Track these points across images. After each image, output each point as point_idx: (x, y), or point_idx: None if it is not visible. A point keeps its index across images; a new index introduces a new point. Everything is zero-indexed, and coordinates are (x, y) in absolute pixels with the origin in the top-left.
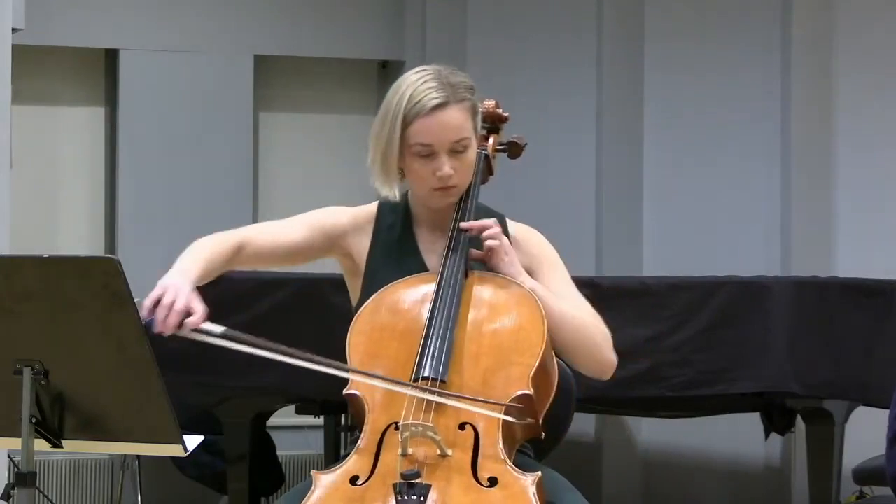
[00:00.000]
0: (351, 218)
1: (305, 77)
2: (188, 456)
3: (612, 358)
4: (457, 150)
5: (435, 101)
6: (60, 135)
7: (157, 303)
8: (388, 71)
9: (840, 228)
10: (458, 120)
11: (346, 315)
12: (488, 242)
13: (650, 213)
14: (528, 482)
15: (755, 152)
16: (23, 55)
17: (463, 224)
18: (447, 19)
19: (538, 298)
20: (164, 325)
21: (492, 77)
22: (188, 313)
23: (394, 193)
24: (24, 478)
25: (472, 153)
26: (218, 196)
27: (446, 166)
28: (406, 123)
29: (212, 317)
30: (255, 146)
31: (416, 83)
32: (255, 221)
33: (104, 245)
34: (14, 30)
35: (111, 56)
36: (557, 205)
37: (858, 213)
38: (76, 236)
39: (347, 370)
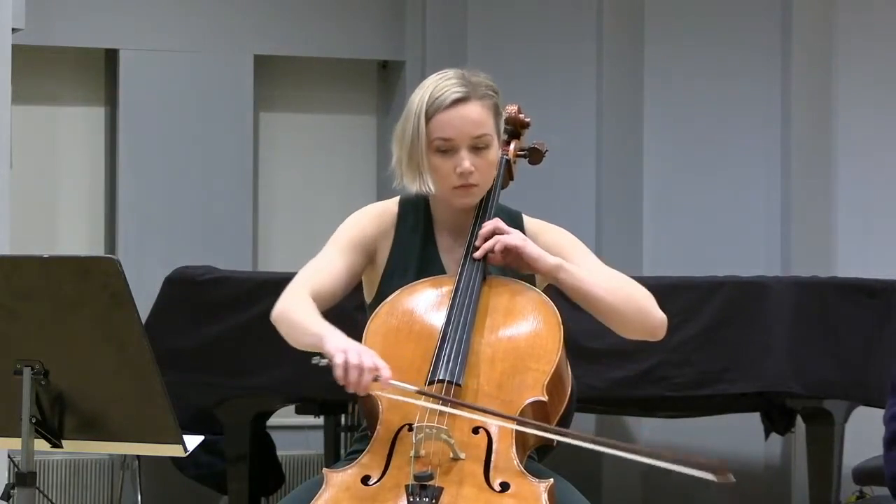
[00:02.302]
0: (375, 222)
1: (305, 77)
2: (188, 456)
3: (660, 315)
4: (477, 147)
5: (456, 95)
6: (60, 135)
7: (344, 365)
8: (388, 71)
9: (840, 228)
10: (478, 115)
11: (347, 314)
12: (498, 244)
13: (650, 213)
14: (541, 488)
15: (755, 153)
16: (23, 55)
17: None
18: (447, 19)
19: (569, 271)
20: (359, 385)
21: (491, 77)
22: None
23: (427, 187)
24: (24, 478)
25: (493, 153)
26: (218, 196)
27: (466, 161)
28: (427, 118)
29: (213, 317)
30: (255, 146)
31: (438, 81)
32: (255, 221)
33: (104, 245)
34: (14, 30)
35: (111, 56)
36: (557, 205)
37: (858, 213)
38: (76, 236)
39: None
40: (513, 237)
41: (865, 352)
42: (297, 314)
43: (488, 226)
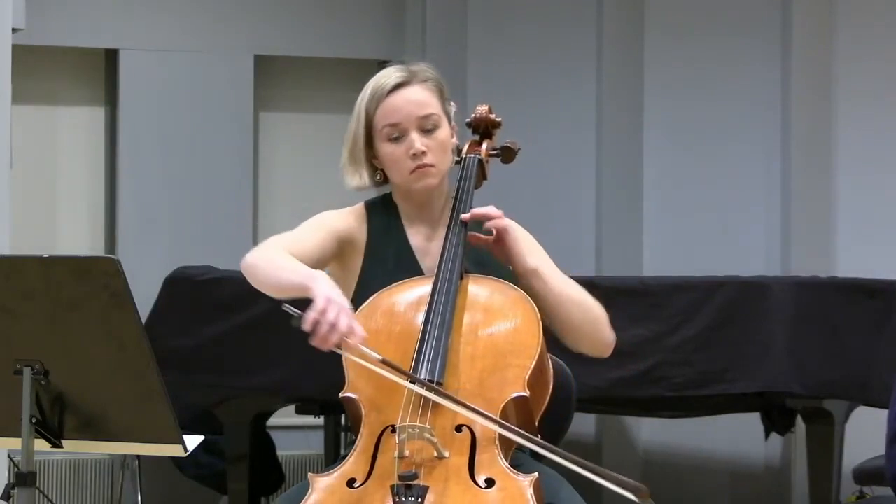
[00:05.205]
0: (350, 219)
1: (305, 77)
2: (188, 456)
3: (611, 336)
4: (426, 129)
5: (396, 81)
6: (60, 135)
7: (322, 313)
8: None
9: (840, 228)
10: (421, 96)
11: None
12: (496, 223)
13: (650, 212)
14: (526, 483)
15: (755, 152)
16: (23, 55)
17: (464, 216)
18: (447, 19)
19: (544, 278)
20: (325, 341)
21: (491, 76)
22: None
23: (363, 181)
24: (24, 478)
25: (443, 133)
26: (218, 196)
27: (417, 142)
28: (371, 111)
29: (213, 317)
30: (255, 146)
31: (378, 75)
32: (255, 221)
33: (104, 245)
34: (14, 30)
35: (111, 56)
36: (557, 205)
37: (859, 212)
38: (76, 236)
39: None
40: (512, 223)
41: (865, 352)
42: (280, 257)
43: (489, 209)
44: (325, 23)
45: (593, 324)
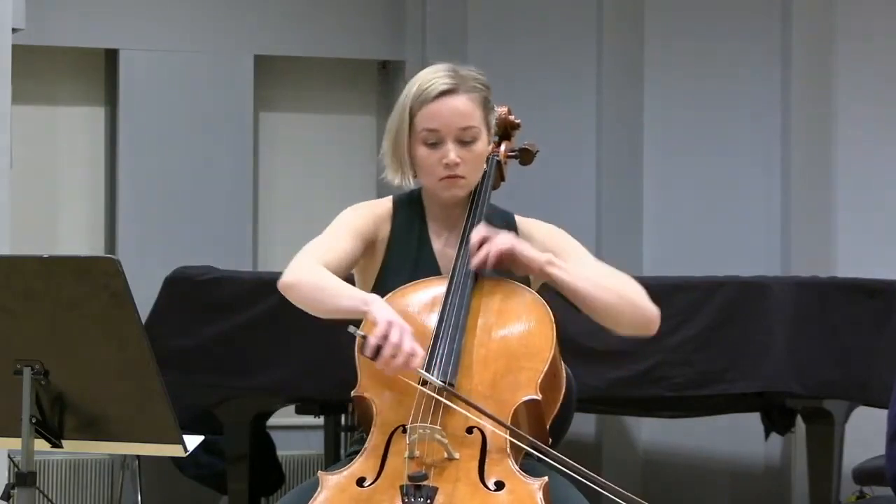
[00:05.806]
0: (373, 217)
1: (305, 77)
2: (188, 456)
3: (652, 308)
4: (464, 140)
5: (443, 87)
6: (60, 135)
7: (384, 337)
8: (388, 71)
9: (840, 228)
10: (465, 107)
11: None
12: (491, 254)
13: (650, 213)
14: (535, 486)
15: (755, 152)
16: (23, 55)
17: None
18: (447, 19)
19: (560, 274)
20: (391, 365)
21: (491, 77)
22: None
23: (408, 180)
24: (24, 478)
25: (480, 146)
26: (218, 196)
27: (452, 153)
28: (414, 111)
29: (213, 317)
30: (255, 146)
31: (427, 73)
32: (255, 222)
33: (104, 245)
34: (14, 30)
35: (111, 56)
36: (557, 204)
37: (858, 212)
38: (76, 236)
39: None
40: (502, 241)
41: (865, 352)
42: (325, 278)
43: (475, 237)
44: (326, 23)
45: (627, 304)
